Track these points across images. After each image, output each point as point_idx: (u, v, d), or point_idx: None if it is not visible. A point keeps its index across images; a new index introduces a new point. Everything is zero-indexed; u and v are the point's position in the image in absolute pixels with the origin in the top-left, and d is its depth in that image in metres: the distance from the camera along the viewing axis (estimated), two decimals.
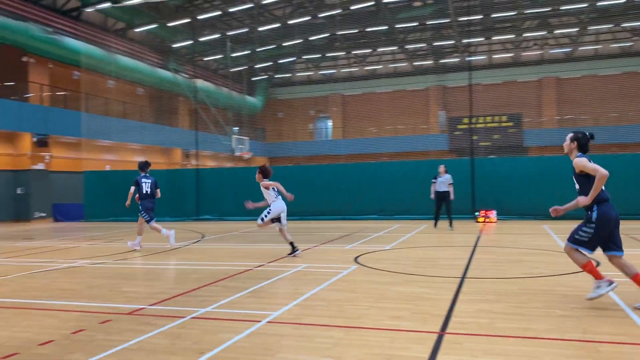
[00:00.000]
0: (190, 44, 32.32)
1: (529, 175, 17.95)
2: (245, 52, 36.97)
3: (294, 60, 42.86)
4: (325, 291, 6.67)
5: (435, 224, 15.28)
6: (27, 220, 23.61)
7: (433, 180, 15.03)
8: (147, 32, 31.83)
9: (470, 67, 22.13)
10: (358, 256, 9.74)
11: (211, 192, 21.21)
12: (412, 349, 4.33)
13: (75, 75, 27.68)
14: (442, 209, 14.97)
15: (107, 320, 5.46)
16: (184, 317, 5.49)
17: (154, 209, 11.86)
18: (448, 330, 4.84)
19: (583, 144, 5.70)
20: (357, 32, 34.71)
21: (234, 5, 29.95)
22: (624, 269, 5.50)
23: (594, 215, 5.43)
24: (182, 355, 4.29)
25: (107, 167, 27.46)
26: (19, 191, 23.91)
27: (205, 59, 38.23)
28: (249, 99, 42.10)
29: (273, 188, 10.04)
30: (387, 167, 19.98)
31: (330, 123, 46.84)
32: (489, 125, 36.42)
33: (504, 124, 36.57)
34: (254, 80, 43.73)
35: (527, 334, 4.67)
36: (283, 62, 42.44)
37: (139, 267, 9.31)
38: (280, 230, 10.10)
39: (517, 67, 40.02)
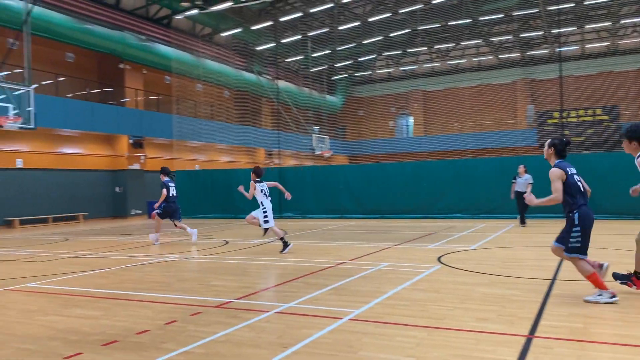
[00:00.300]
0: (272, 46, 33.10)
1: (627, 172, 16.71)
2: (326, 52, 37.30)
3: (374, 58, 42.67)
4: (407, 290, 6.61)
5: (523, 223, 14.81)
6: (125, 216, 25.29)
7: (513, 181, 14.85)
8: (232, 36, 32.97)
9: (561, 58, 20.99)
10: (441, 256, 9.54)
11: (293, 190, 21.47)
12: (499, 352, 4.19)
13: (167, 80, 29.27)
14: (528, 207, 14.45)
15: (197, 313, 5.73)
16: (268, 312, 5.65)
17: (178, 209, 13.13)
18: (537, 334, 4.63)
19: (560, 150, 6.02)
20: (439, 26, 33.93)
21: (315, 6, 30.31)
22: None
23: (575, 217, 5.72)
24: (266, 349, 4.42)
25: (196, 167, 28.79)
26: (117, 189, 25.68)
27: (287, 60, 39.00)
28: (329, 97, 42.44)
29: (262, 189, 10.91)
30: (472, 164, 19.35)
31: (411, 120, 46.18)
32: (582, 119, 34.29)
33: (598, 118, 34.28)
34: (334, 79, 44.02)
35: (625, 341, 4.37)
36: (363, 60, 42.37)
37: (226, 262, 9.69)
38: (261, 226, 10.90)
39: (614, 56, 37.34)
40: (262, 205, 10.82)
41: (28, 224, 21.38)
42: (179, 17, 28.26)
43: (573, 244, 5.74)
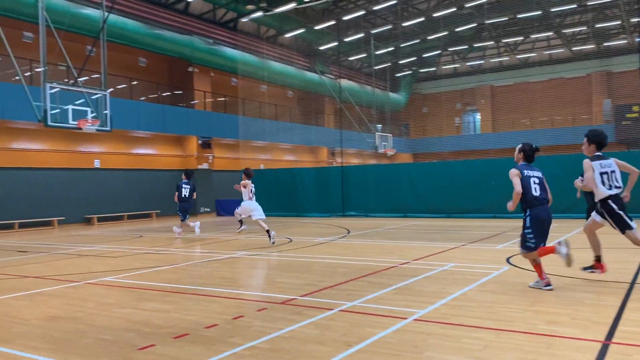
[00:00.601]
0: (335, 45, 33.20)
1: None
2: (389, 49, 36.98)
3: (439, 53, 41.88)
4: (474, 292, 6.44)
5: None
6: (194, 214, 26.19)
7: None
8: (296, 36, 33.37)
9: None
10: (510, 256, 9.23)
11: (356, 189, 21.59)
12: (572, 357, 4.01)
13: (233, 81, 30.05)
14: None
15: (263, 309, 5.85)
16: (332, 310, 5.68)
17: (188, 210, 14.90)
18: (614, 340, 4.39)
19: (529, 155, 6.88)
20: (507, 19, 32.81)
21: (378, 4, 30.11)
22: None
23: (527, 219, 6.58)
24: (331, 346, 4.45)
25: (261, 166, 29.36)
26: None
27: (350, 58, 38.99)
28: (393, 95, 42.04)
29: (251, 189, 12.90)
30: (543, 162, 18.48)
31: (478, 116, 44.94)
32: None
33: None
34: (397, 77, 43.57)
35: None
36: (428, 56, 41.68)
37: (290, 259, 9.83)
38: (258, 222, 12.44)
39: None
40: (251, 201, 12.83)
41: (105, 221, 22.60)
42: (244, 20, 28.93)
43: (528, 244, 6.42)
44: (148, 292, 7.06)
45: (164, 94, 27.37)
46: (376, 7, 30.78)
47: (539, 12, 31.09)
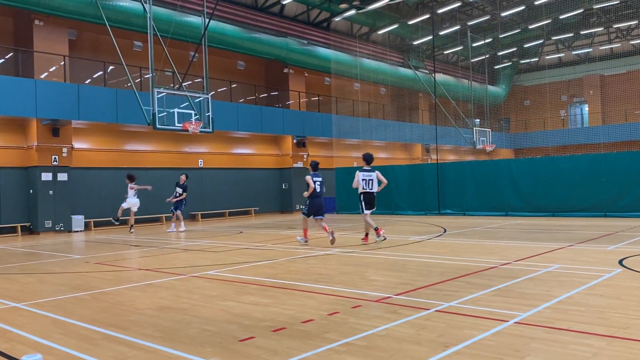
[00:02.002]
0: (429, 39, 32.50)
1: None
2: (487, 40, 35.56)
3: (541, 43, 39.62)
4: (582, 295, 6.04)
5: None
6: (290, 212, 26.88)
7: None
8: (389, 33, 33.07)
9: None
10: (624, 258, 8.54)
11: (452, 187, 21.00)
12: None
13: (326, 81, 30.40)
14: None
15: (358, 306, 5.87)
16: (428, 310, 5.58)
17: (175, 207, 17.81)
18: None
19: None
20: (619, 2, 30.30)
21: None
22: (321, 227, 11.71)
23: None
24: (427, 347, 4.37)
25: (354, 164, 29.45)
26: (283, 186, 27.40)
27: (445, 52, 38.00)
28: (492, 88, 40.41)
29: (135, 189, 17.40)
30: None
31: (586, 108, 41.98)
32: None
33: None
34: (496, 69, 41.82)
35: None
36: (529, 46, 39.58)
37: (384, 257, 9.78)
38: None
39: None
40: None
41: (208, 218, 23.83)
42: (337, 19, 29.15)
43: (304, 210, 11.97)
44: (248, 285, 7.34)
45: (261, 96, 28.31)
46: None
47: None
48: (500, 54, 39.74)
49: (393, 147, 33.92)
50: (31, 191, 18.81)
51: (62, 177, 19.09)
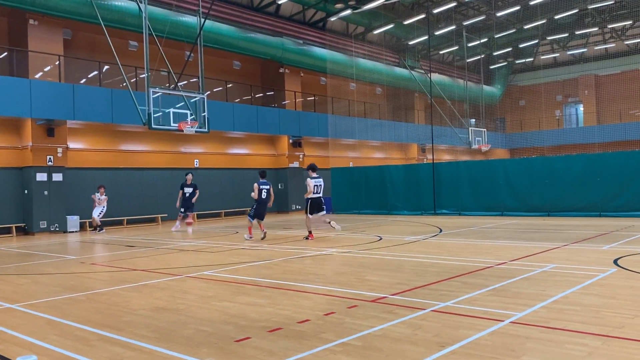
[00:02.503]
0: (425, 39, 32.54)
1: None
2: (482, 40, 35.65)
3: (536, 43, 39.73)
4: (577, 294, 6.06)
5: None
6: (286, 212, 26.86)
7: None
8: (384, 32, 33.09)
9: None
10: (618, 258, 8.58)
11: (448, 186, 21.04)
12: None
13: (322, 81, 30.40)
14: None
15: (354, 306, 5.88)
16: (424, 310, 5.59)
17: (187, 208, 17.77)
18: None
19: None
20: (613, 3, 30.42)
21: None
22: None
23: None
24: (423, 347, 4.38)
25: (350, 164, 29.47)
26: (279, 186, 27.36)
27: (441, 52, 38.06)
28: (487, 88, 40.51)
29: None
30: None
31: (581, 108, 42.14)
32: None
33: None
34: (492, 69, 41.92)
35: None
36: (524, 46, 39.68)
37: (380, 257, 9.79)
38: None
39: None
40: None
41: (204, 218, 23.78)
42: (333, 19, 29.14)
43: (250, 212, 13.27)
44: (243, 286, 7.34)
45: (256, 96, 28.28)
46: None
47: None
48: (495, 54, 39.82)
49: (389, 147, 33.95)
50: (26, 191, 18.73)
51: (57, 177, 19.02)
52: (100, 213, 18.48)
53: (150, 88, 16.42)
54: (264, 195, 13.65)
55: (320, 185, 13.60)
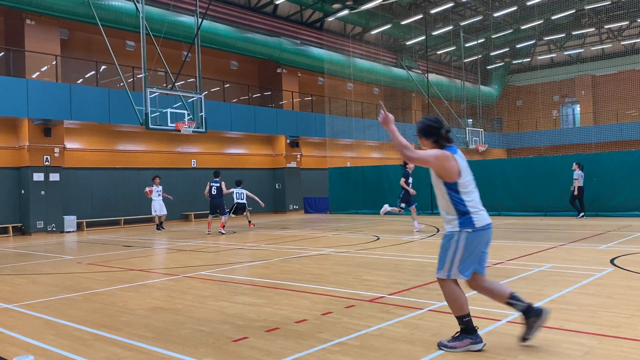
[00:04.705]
0: (422, 39, 32.59)
1: None
2: (480, 41, 35.71)
3: (534, 43, 39.83)
4: (574, 294, 6.07)
5: None
6: (284, 212, 26.86)
7: None
8: (382, 33, 33.12)
9: None
10: (615, 257, 8.60)
11: None
12: None
13: (320, 81, 30.40)
14: None
15: (351, 305, 5.88)
16: (421, 309, 5.59)
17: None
18: None
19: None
20: (610, 3, 30.52)
21: None
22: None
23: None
24: (421, 346, 4.38)
25: (348, 164, 29.49)
26: (277, 186, 27.37)
27: (438, 52, 38.11)
28: (484, 88, 40.57)
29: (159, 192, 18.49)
30: None
31: (578, 108, 42.25)
32: None
33: None
34: (489, 69, 42.00)
35: None
36: (522, 46, 39.76)
37: (377, 257, 9.80)
38: None
39: None
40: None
41: (201, 218, 23.75)
42: (330, 19, 29.16)
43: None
44: (241, 286, 7.33)
45: (254, 96, 28.27)
46: None
47: None
48: (492, 54, 39.90)
49: (386, 147, 33.97)
50: (23, 191, 18.69)
51: (54, 177, 18.99)
52: (161, 206, 18.26)
53: (148, 88, 16.41)
54: (213, 191, 16.16)
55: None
